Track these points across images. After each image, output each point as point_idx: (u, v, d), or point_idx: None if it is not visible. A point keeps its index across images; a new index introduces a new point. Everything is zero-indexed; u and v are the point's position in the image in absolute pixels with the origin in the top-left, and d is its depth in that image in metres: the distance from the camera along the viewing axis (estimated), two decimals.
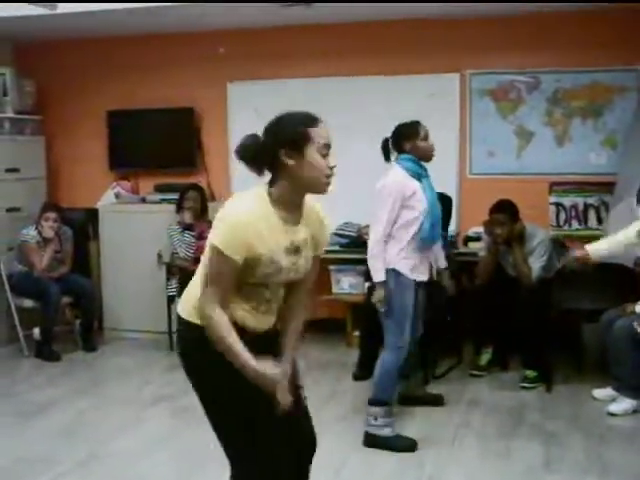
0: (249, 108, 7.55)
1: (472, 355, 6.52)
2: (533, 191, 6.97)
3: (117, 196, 7.89)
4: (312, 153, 2.85)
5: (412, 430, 5.14)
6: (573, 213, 7.17)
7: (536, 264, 6.13)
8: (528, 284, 6.11)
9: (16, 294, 7.24)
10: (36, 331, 7.05)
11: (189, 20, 7.20)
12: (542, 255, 6.16)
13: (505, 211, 6.14)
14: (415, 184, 4.88)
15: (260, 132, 2.93)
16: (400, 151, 5.02)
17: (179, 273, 7.01)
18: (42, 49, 8.14)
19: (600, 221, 7.06)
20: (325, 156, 2.89)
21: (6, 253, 7.37)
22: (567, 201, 7.15)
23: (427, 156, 5.09)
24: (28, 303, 7.20)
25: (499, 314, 6.13)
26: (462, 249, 7.03)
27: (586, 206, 7.13)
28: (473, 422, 5.33)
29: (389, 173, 4.91)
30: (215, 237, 2.81)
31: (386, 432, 4.87)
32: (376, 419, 4.86)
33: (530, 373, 6.06)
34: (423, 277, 5.01)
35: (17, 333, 7.24)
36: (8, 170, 7.41)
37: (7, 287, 7.24)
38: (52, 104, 8.21)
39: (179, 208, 7.16)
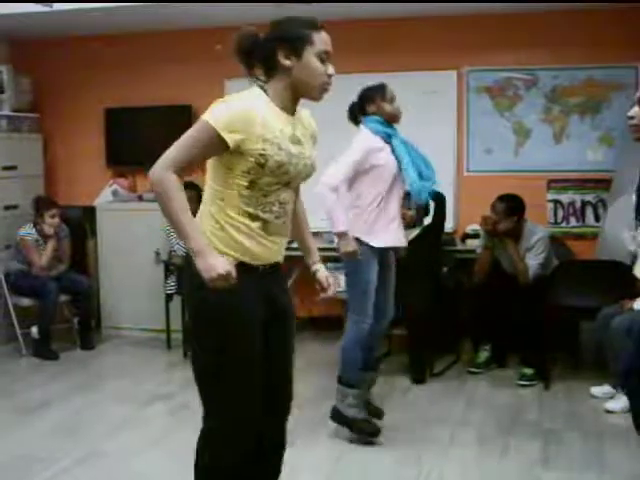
0: None
1: (470, 352, 6.52)
2: (531, 188, 6.96)
3: (114, 194, 7.89)
4: (311, 57, 2.86)
5: (409, 427, 5.15)
6: (571, 210, 7.18)
7: (532, 261, 6.14)
8: (525, 281, 6.12)
9: (14, 293, 7.24)
10: (34, 330, 7.04)
11: (187, 17, 7.19)
12: (540, 253, 6.17)
13: (504, 202, 6.16)
14: (383, 147, 4.83)
15: None
16: (365, 114, 4.96)
17: (177, 271, 7.01)
18: (39, 46, 8.12)
19: (597, 218, 7.08)
20: (324, 62, 2.90)
21: (3, 251, 7.36)
22: (565, 198, 7.17)
23: (393, 118, 4.97)
24: (26, 302, 7.20)
25: (497, 311, 6.14)
26: (460, 246, 7.03)
27: (584, 203, 7.14)
28: (471, 420, 5.33)
29: (357, 135, 4.87)
30: (207, 114, 2.78)
31: (352, 412, 4.87)
32: (343, 399, 4.88)
33: (528, 370, 6.06)
34: (391, 243, 4.93)
35: (15, 332, 7.22)
36: (5, 168, 7.40)
37: (4, 285, 7.24)
38: (49, 102, 8.20)
39: None
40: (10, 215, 7.40)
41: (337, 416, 4.93)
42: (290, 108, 2.91)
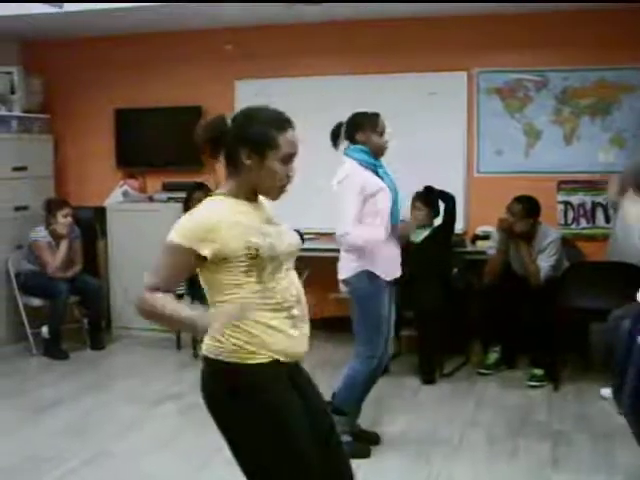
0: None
1: (480, 354, 6.51)
2: (541, 189, 6.94)
3: (125, 195, 7.90)
4: (273, 160, 2.74)
5: (419, 428, 5.15)
6: (581, 211, 7.16)
7: (544, 263, 6.14)
8: (536, 283, 6.11)
9: (24, 293, 7.26)
10: (44, 329, 7.06)
11: (196, 18, 7.20)
12: (552, 255, 6.17)
13: (521, 203, 6.16)
14: (377, 179, 4.60)
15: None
16: (352, 140, 4.68)
17: None
18: (50, 47, 8.15)
19: (608, 220, 7.05)
20: (286, 163, 2.78)
21: (14, 252, 7.38)
22: (575, 199, 7.16)
23: (378, 152, 4.68)
24: (36, 302, 7.22)
25: (507, 313, 6.13)
26: (470, 248, 7.02)
27: (594, 205, 7.13)
28: (480, 421, 5.32)
29: (344, 168, 4.63)
30: (171, 233, 2.69)
31: (343, 439, 4.78)
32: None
33: (537, 371, 6.05)
34: (398, 274, 4.72)
35: (25, 331, 7.26)
36: (16, 169, 7.42)
37: (15, 286, 7.26)
38: (60, 102, 8.21)
39: (186, 208, 7.16)
40: (20, 216, 7.42)
41: None
42: (253, 197, 2.82)
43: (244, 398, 2.69)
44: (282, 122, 2.80)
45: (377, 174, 4.62)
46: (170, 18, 7.19)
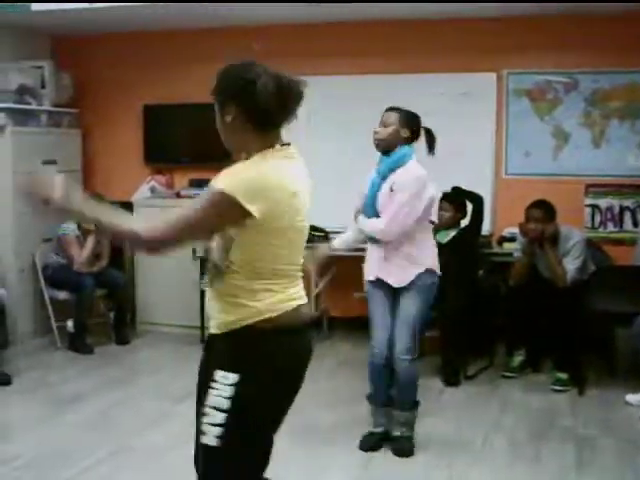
0: None
1: (504, 356, 6.48)
2: (569, 192, 6.94)
3: (152, 190, 7.93)
4: None
5: (442, 430, 5.14)
6: (609, 215, 7.12)
7: (570, 266, 6.10)
8: (562, 286, 6.07)
9: (51, 286, 7.30)
10: (70, 323, 7.09)
11: (224, 15, 7.21)
12: (577, 257, 6.13)
13: (541, 208, 6.13)
14: None
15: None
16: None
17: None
18: (80, 42, 8.19)
19: (636, 224, 7.01)
20: None
21: (41, 245, 7.42)
22: (603, 203, 7.11)
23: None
24: (62, 295, 7.26)
25: (532, 315, 6.11)
26: (496, 249, 6.99)
27: (622, 208, 7.08)
28: (504, 424, 5.30)
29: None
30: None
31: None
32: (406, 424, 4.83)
33: (562, 376, 6.02)
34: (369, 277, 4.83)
35: (51, 325, 7.30)
36: (45, 162, 7.45)
37: (42, 279, 7.30)
38: (89, 97, 8.25)
39: None
40: (49, 209, 7.44)
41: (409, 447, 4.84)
42: None
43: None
44: None
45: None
46: (198, 16, 7.21)
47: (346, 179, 7.27)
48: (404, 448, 4.76)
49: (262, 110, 2.64)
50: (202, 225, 2.58)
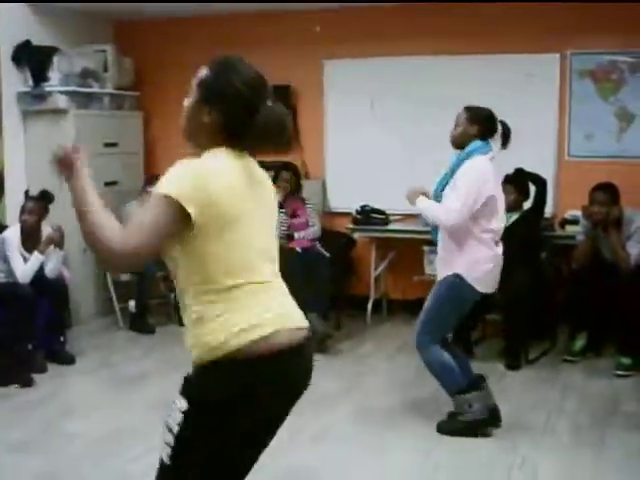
0: (345, 85, 7.60)
1: (566, 340, 6.42)
2: (632, 174, 6.81)
3: None
4: None
5: (504, 414, 5.08)
6: None
7: (634, 249, 6.02)
8: (626, 269, 5.99)
9: None
10: (131, 304, 7.17)
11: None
12: None
13: (606, 191, 6.05)
14: None
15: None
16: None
17: None
18: (141, 27, 8.24)
19: None
20: None
21: None
22: None
23: None
24: (124, 276, 7.34)
25: (595, 299, 6.03)
26: (559, 232, 6.91)
27: None
28: (566, 409, 5.26)
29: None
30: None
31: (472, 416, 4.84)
32: (469, 405, 4.79)
33: (625, 360, 5.93)
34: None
35: (113, 305, 7.40)
36: (107, 145, 7.53)
37: None
38: (150, 80, 8.30)
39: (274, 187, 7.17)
40: (111, 191, 7.51)
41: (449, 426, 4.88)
42: None
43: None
44: None
45: None
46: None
47: (409, 164, 7.28)
48: (442, 426, 4.83)
49: (252, 138, 2.50)
50: (154, 231, 2.31)
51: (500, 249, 4.78)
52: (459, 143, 4.73)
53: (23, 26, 7.24)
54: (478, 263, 4.63)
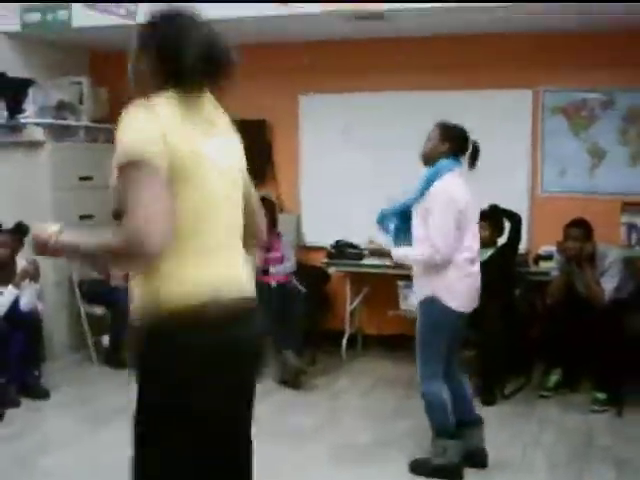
0: (321, 121, 7.63)
1: (541, 375, 6.44)
2: (605, 210, 6.87)
3: None
4: None
5: None
6: None
7: (608, 284, 6.08)
8: (600, 305, 6.04)
9: (87, 301, 7.33)
10: (105, 338, 7.12)
11: (263, 31, 7.21)
12: (614, 275, 6.12)
13: (580, 227, 6.11)
14: None
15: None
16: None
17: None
18: (117, 58, 8.17)
19: None
20: None
21: None
22: None
23: None
24: (99, 310, 7.28)
25: (569, 335, 6.07)
26: (533, 268, 6.95)
27: None
28: (542, 443, 5.28)
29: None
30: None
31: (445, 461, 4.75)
32: (445, 451, 4.72)
33: (600, 395, 5.96)
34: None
35: (86, 339, 7.34)
36: (82, 178, 7.50)
37: (78, 294, 7.34)
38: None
39: None
40: (85, 225, 7.47)
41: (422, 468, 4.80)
42: None
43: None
44: None
45: None
46: (233, 31, 7.19)
47: (383, 198, 7.28)
48: (412, 466, 4.81)
49: (189, 73, 2.53)
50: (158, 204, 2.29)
51: (476, 267, 4.73)
52: (428, 159, 4.68)
53: None
54: (452, 284, 4.56)
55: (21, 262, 6.27)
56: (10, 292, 6.08)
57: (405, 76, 7.46)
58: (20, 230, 6.20)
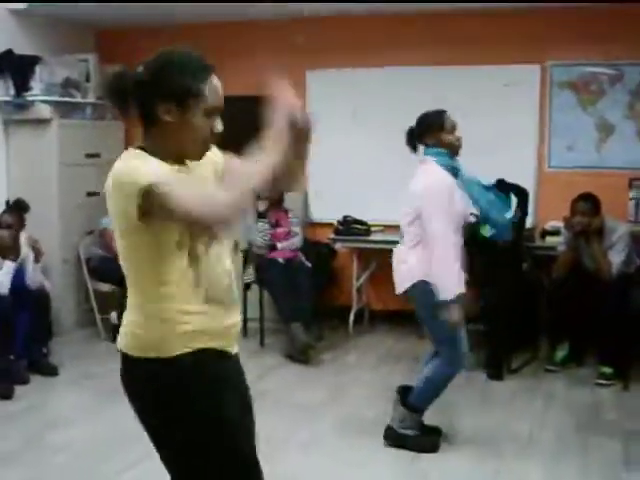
0: (327, 97, 7.60)
1: (548, 350, 6.45)
2: (612, 185, 6.85)
3: None
4: (197, 114, 2.37)
5: (487, 423, 5.13)
6: None
7: (616, 258, 6.08)
8: (607, 279, 6.04)
9: (94, 278, 7.36)
10: (113, 315, 7.13)
11: (268, 8, 7.20)
12: (622, 250, 6.12)
13: (588, 201, 6.11)
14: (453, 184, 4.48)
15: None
16: (424, 144, 4.58)
17: (255, 260, 7.08)
18: (123, 36, 8.21)
19: None
20: (211, 117, 2.41)
21: (84, 237, 7.48)
22: None
23: (454, 150, 4.54)
24: (106, 287, 7.30)
25: (576, 309, 6.07)
26: (539, 243, 6.95)
27: None
28: (549, 418, 5.29)
29: (427, 171, 4.49)
30: (135, 187, 2.26)
31: (410, 432, 4.73)
32: (403, 420, 4.74)
33: (606, 370, 5.97)
34: (462, 289, 4.44)
35: (94, 316, 7.37)
36: (89, 155, 7.51)
37: (85, 271, 7.36)
38: None
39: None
40: (92, 202, 7.49)
41: (392, 437, 4.77)
42: (177, 159, 2.45)
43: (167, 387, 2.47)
44: (204, 68, 2.41)
45: (456, 178, 4.54)
46: (241, 7, 7.19)
47: (391, 174, 7.29)
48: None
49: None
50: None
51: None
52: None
53: (5, 35, 7.20)
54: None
55: (22, 238, 6.30)
56: (8, 266, 6.04)
57: (413, 52, 7.44)
58: (20, 207, 6.22)
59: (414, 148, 4.64)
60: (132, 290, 2.51)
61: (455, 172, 4.54)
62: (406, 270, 4.57)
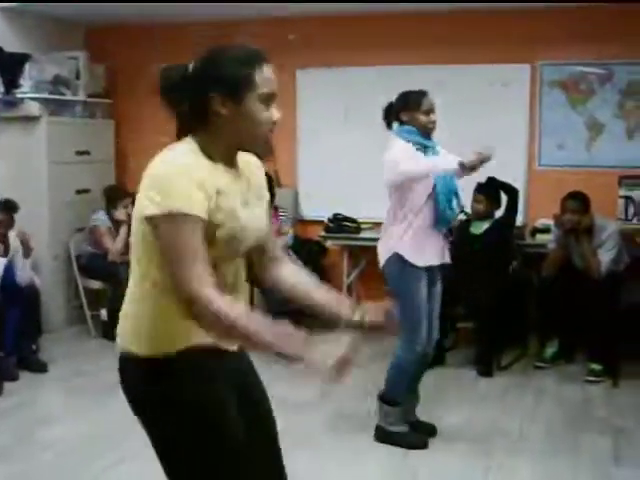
0: (317, 95, 7.61)
1: (537, 347, 6.47)
2: (602, 184, 6.87)
3: None
4: (253, 102, 2.28)
5: (478, 420, 5.15)
6: None
7: (605, 257, 6.10)
8: (597, 277, 6.06)
9: (84, 275, 7.35)
10: (103, 312, 7.12)
11: (260, 6, 7.19)
12: (611, 248, 6.14)
13: (578, 199, 6.13)
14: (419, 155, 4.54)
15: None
16: (398, 120, 4.66)
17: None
18: (114, 34, 8.21)
19: None
20: (268, 106, 2.32)
21: (75, 234, 7.46)
22: (637, 195, 7.04)
23: (426, 131, 4.58)
24: (96, 284, 7.30)
25: (565, 307, 6.09)
26: (529, 241, 6.97)
27: None
28: (539, 414, 5.31)
29: (393, 145, 4.57)
30: (153, 203, 2.18)
31: (396, 429, 4.74)
32: (386, 417, 4.76)
33: (596, 367, 5.99)
34: (433, 261, 4.56)
35: (84, 313, 7.36)
36: (79, 153, 7.50)
37: (75, 268, 7.35)
38: (122, 88, 8.26)
39: None
40: (82, 199, 7.50)
41: (382, 435, 4.79)
42: (229, 162, 2.37)
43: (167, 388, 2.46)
44: (256, 56, 2.34)
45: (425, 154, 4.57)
46: (232, 6, 7.18)
47: (381, 172, 7.27)
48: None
49: None
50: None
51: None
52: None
53: None
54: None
55: (12, 235, 6.31)
56: None
57: (404, 51, 7.44)
58: (9, 206, 6.22)
59: (389, 125, 4.74)
60: (134, 289, 2.53)
61: (424, 148, 4.58)
62: (383, 245, 4.65)
